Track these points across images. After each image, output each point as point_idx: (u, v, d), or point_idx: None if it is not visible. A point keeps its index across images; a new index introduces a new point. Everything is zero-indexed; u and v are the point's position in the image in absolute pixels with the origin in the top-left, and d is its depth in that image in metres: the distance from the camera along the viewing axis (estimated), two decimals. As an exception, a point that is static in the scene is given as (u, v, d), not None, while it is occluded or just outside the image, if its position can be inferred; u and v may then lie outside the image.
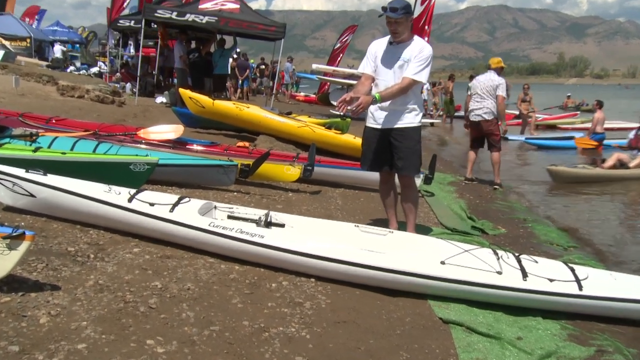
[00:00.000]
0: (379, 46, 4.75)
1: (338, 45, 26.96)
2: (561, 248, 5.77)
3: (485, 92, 8.80)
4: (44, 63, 20.99)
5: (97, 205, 4.13)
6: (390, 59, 4.65)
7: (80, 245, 3.92)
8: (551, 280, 3.76)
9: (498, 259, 3.96)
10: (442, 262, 3.81)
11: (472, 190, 8.71)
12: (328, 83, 25.48)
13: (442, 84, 23.64)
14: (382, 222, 5.17)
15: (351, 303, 3.65)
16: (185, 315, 3.13)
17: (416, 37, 4.67)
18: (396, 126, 4.68)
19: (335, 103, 4.82)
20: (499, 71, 8.94)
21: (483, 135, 9.01)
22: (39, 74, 15.21)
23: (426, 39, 14.45)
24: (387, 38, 4.72)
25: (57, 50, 24.05)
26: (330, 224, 4.61)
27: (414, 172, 4.78)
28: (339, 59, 26.93)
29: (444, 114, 22.22)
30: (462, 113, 16.26)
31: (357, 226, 4.52)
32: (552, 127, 21.45)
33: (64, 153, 5.08)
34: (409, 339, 3.29)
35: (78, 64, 22.71)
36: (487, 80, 8.82)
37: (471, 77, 16.84)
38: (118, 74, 20.12)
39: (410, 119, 4.69)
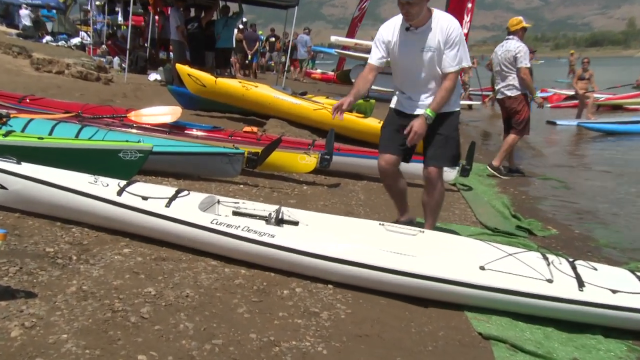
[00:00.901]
0: (391, 32, 4.66)
1: (357, 13, 26.86)
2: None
3: (505, 65, 8.74)
4: (14, 31, 20.71)
5: (81, 199, 4.15)
6: (410, 47, 4.60)
7: (60, 246, 3.95)
8: (614, 292, 3.71)
9: (548, 264, 3.93)
10: (482, 268, 3.79)
11: (516, 183, 8.67)
12: (346, 58, 25.40)
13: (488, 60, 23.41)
14: (418, 211, 5.15)
15: (375, 314, 3.65)
16: (183, 327, 3.15)
17: (435, 13, 4.57)
18: None
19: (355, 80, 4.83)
20: (521, 35, 8.83)
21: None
22: (7, 44, 14.94)
23: (469, 5, 14.30)
24: (399, 20, 4.63)
25: (24, 16, 22.83)
26: (351, 221, 4.62)
27: (444, 164, 4.72)
28: (357, 29, 26.82)
29: (492, 95, 22.07)
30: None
31: (383, 224, 4.52)
32: (618, 108, 21.05)
33: (41, 138, 5.10)
34: (443, 357, 3.27)
35: (52, 29, 22.27)
36: (504, 52, 8.76)
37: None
38: (104, 46, 20.16)
39: (449, 104, 4.67)
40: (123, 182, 4.30)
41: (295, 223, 4.57)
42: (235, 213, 4.62)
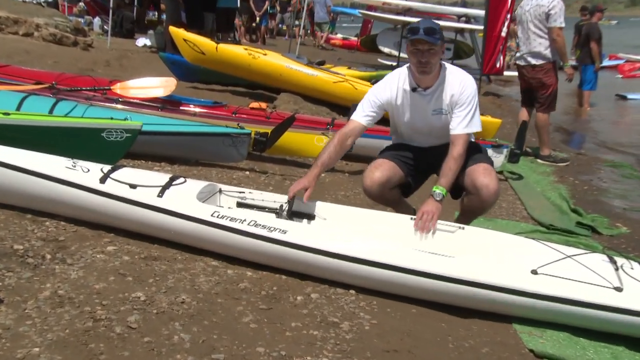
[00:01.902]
0: (393, 94, 4.67)
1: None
2: None
3: (534, 23, 8.60)
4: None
5: (56, 187, 4.17)
6: (419, 111, 4.65)
7: (31, 242, 3.98)
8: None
9: (617, 269, 3.90)
10: (534, 272, 3.77)
11: (577, 171, 8.61)
12: (373, 21, 25.32)
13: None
14: (449, 212, 5.15)
15: (405, 325, 3.65)
16: (178, 339, 3.16)
17: (446, 70, 4.59)
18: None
19: (383, 48, 4.83)
20: None
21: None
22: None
23: None
24: (400, 81, 4.64)
25: None
26: (377, 215, 4.62)
27: (489, 160, 4.79)
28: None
29: (512, 60, 21.92)
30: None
31: (415, 219, 4.51)
32: None
33: (7, 114, 5.11)
34: (487, 378, 3.28)
35: None
36: (535, 7, 8.61)
37: (582, 10, 16.59)
38: (81, 3, 20.12)
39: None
40: (107, 167, 4.31)
41: (311, 217, 4.59)
42: (240, 204, 4.64)
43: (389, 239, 4.05)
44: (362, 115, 4.70)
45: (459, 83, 4.54)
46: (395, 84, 4.67)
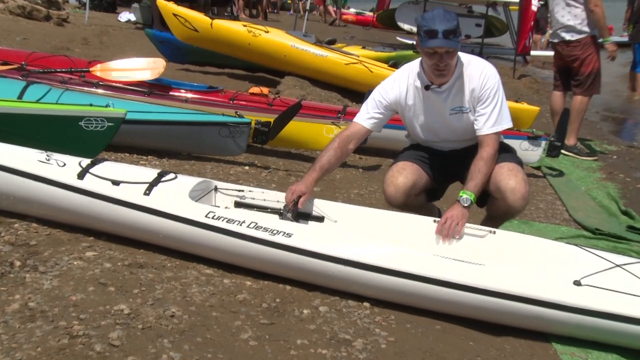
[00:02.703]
0: (402, 93, 4.66)
1: None
2: None
3: None
4: None
5: (27, 184, 4.18)
6: (434, 110, 4.64)
7: (-2, 247, 4.00)
8: None
9: (675, 281, 3.89)
10: (577, 283, 3.77)
11: (629, 166, 8.60)
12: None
13: None
14: (478, 216, 5.15)
15: (427, 343, 3.66)
16: (167, 358, 3.17)
17: (463, 60, 4.56)
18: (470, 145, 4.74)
19: (403, 25, 4.81)
20: None
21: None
22: None
23: None
24: (410, 78, 4.63)
25: None
26: (395, 217, 4.62)
27: (518, 159, 4.77)
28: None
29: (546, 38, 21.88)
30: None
31: (438, 221, 4.51)
32: None
33: (-31, 99, 5.16)
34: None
35: None
36: None
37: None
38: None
39: None
40: (86, 161, 4.33)
41: (320, 218, 4.60)
42: (238, 204, 4.65)
43: (409, 243, 4.06)
44: (365, 118, 4.69)
45: (479, 75, 4.51)
46: (404, 81, 4.65)
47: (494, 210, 4.76)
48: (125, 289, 3.71)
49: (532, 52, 17.51)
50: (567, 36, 8.64)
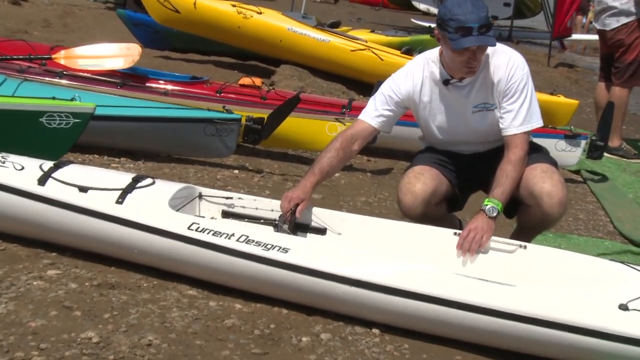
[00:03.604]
0: (417, 87, 4.65)
1: None
2: None
3: None
4: None
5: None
6: (454, 107, 4.62)
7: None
8: None
9: None
10: (623, 307, 3.75)
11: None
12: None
13: None
14: (506, 228, 5.17)
15: (448, 377, 3.67)
16: (143, 393, 3.19)
17: (489, 51, 4.52)
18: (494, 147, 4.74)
19: (418, 4, 4.80)
20: None
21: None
22: None
23: None
24: (426, 70, 4.63)
25: None
26: (410, 229, 4.59)
27: (551, 160, 4.76)
28: None
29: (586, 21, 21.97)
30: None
31: (459, 234, 4.51)
32: None
33: None
34: None
35: None
36: None
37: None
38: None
39: None
40: (48, 164, 4.34)
41: (321, 230, 4.60)
42: (226, 214, 4.66)
43: (426, 260, 4.07)
44: (373, 115, 4.66)
45: (505, 65, 4.49)
46: (419, 74, 4.63)
47: (526, 220, 4.73)
48: (93, 313, 3.71)
49: (574, 36, 17.46)
50: (613, 22, 8.68)
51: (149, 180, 4.40)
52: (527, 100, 4.50)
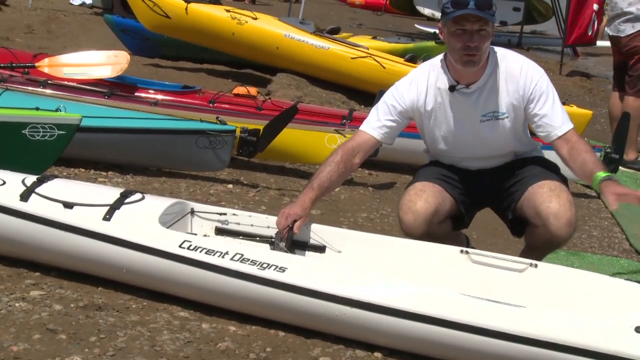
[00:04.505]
0: (421, 95, 4.63)
1: None
2: None
3: None
4: None
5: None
6: (461, 116, 4.61)
7: None
8: None
9: None
10: (640, 329, 3.78)
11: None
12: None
13: None
14: (515, 246, 5.17)
15: (455, 404, 3.67)
16: (131, 421, 3.20)
17: (496, 55, 4.56)
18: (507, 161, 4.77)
19: (422, 9, 4.80)
20: None
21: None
22: None
23: None
24: (432, 77, 4.61)
25: None
26: (414, 246, 4.57)
27: (560, 177, 4.75)
28: None
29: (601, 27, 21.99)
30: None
31: (466, 252, 4.51)
32: None
33: None
34: None
35: None
36: None
37: None
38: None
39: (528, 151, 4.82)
40: (31, 179, 4.34)
41: (320, 248, 4.59)
42: (220, 231, 4.66)
43: (431, 280, 4.07)
44: (375, 126, 4.65)
45: (519, 70, 4.50)
46: (424, 82, 4.61)
47: (534, 241, 4.72)
48: (79, 336, 3.71)
49: (599, 43, 17.38)
50: (628, 29, 8.70)
51: (138, 196, 4.40)
52: (557, 100, 4.53)
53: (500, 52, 4.58)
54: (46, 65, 7.16)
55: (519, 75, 4.48)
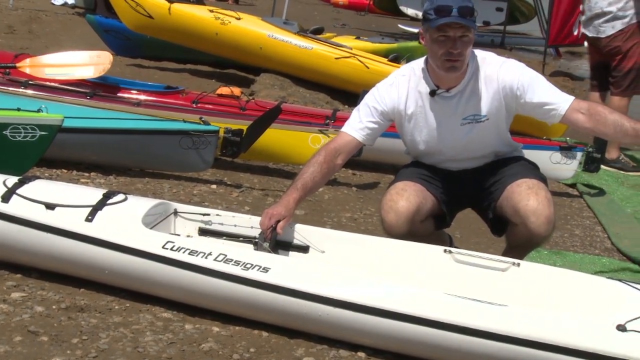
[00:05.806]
0: (402, 99, 4.65)
1: None
2: None
3: None
4: None
5: None
6: (442, 120, 4.63)
7: None
8: None
9: None
10: (621, 328, 3.74)
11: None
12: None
13: None
14: (498, 245, 5.18)
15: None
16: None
17: (476, 58, 4.59)
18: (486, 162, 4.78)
19: (406, 9, 4.80)
20: None
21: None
22: None
23: None
24: (412, 81, 4.63)
25: None
26: (396, 246, 4.59)
27: (539, 175, 4.76)
28: None
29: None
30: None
31: (450, 252, 4.52)
32: None
33: None
34: None
35: None
36: None
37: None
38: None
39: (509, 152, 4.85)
40: (12, 180, 4.33)
41: (304, 248, 4.59)
42: (203, 231, 4.66)
43: (414, 279, 4.07)
44: (357, 128, 4.66)
45: (497, 71, 4.52)
46: (404, 85, 4.62)
47: (514, 239, 4.74)
48: (61, 338, 3.70)
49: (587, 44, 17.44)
50: (608, 29, 8.71)
51: (120, 196, 4.39)
52: (546, 83, 4.58)
53: (481, 55, 4.60)
54: (27, 66, 7.13)
55: (498, 76, 4.50)
